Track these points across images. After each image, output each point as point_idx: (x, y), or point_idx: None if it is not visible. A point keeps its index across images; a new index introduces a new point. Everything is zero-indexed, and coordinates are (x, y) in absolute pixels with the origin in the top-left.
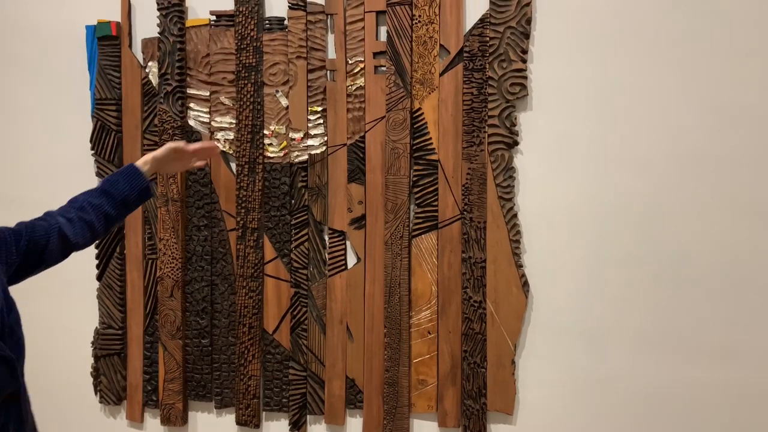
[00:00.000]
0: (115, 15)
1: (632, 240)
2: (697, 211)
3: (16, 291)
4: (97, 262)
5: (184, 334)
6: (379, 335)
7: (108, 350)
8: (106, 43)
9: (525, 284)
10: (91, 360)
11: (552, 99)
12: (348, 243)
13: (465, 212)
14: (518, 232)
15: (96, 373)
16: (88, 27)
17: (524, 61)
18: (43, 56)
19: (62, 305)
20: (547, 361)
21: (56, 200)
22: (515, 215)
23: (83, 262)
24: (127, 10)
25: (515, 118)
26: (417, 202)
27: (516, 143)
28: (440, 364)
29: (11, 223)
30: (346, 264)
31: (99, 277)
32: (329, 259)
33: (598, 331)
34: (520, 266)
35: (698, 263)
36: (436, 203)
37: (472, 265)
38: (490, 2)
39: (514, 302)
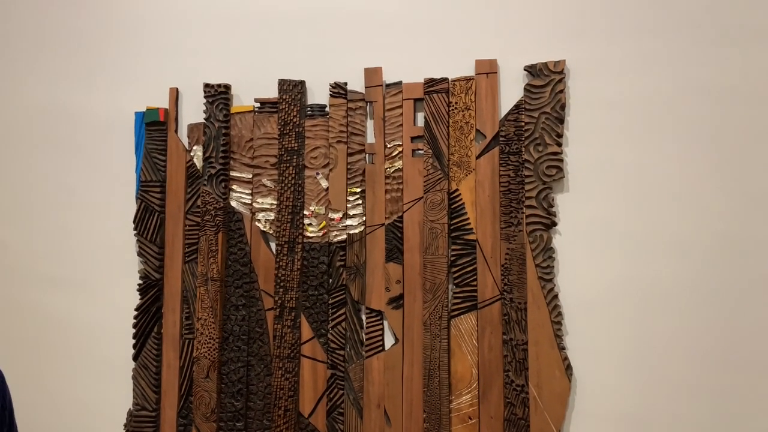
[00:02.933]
0: (163, 102)
1: (677, 323)
2: (740, 294)
3: (47, 366)
4: (134, 341)
5: (219, 416)
6: (418, 420)
7: None
8: (154, 128)
9: (568, 367)
10: None
11: (589, 181)
12: (385, 323)
13: (505, 293)
14: (560, 314)
15: None
16: (137, 113)
17: (559, 145)
18: (92, 141)
19: (97, 386)
20: None
21: (98, 279)
22: (556, 296)
23: (120, 342)
24: (175, 98)
25: (552, 200)
26: (455, 281)
27: (554, 224)
28: None
29: (55, 303)
30: (383, 345)
31: (135, 357)
32: (366, 339)
33: (645, 417)
34: (562, 348)
35: (745, 347)
36: (474, 283)
37: (513, 348)
38: (525, 89)
39: (557, 386)
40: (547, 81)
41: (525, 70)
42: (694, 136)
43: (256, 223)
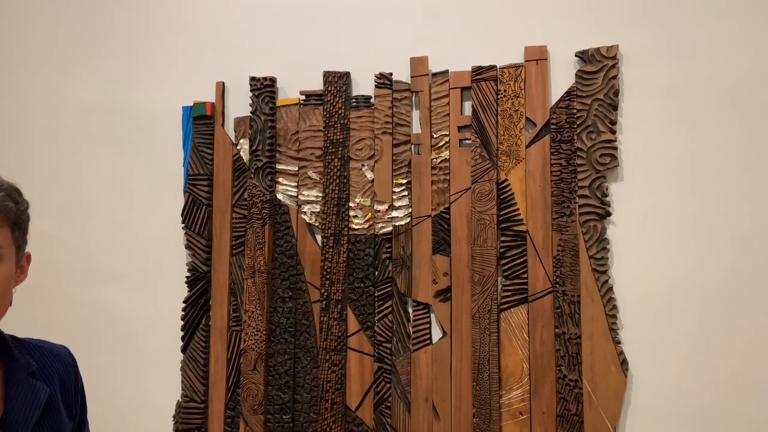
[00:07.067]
0: (209, 96)
1: (736, 316)
2: None
3: (97, 358)
4: (182, 333)
5: (266, 409)
6: (468, 415)
7: (189, 425)
8: (201, 122)
9: (624, 362)
10: None
11: (644, 170)
12: (433, 316)
13: (557, 285)
14: (614, 307)
15: None
16: (184, 107)
17: (613, 132)
18: (140, 136)
19: (146, 377)
20: None
21: (147, 272)
22: (610, 289)
23: (168, 333)
24: (222, 92)
25: (606, 189)
26: (505, 274)
27: (608, 214)
28: None
29: (104, 296)
30: (430, 338)
31: (183, 350)
32: (413, 332)
33: (705, 415)
34: (618, 343)
35: None
36: (525, 275)
37: (566, 342)
38: (576, 76)
39: (612, 382)
40: (599, 67)
41: (576, 56)
42: (753, 123)
43: (302, 215)
